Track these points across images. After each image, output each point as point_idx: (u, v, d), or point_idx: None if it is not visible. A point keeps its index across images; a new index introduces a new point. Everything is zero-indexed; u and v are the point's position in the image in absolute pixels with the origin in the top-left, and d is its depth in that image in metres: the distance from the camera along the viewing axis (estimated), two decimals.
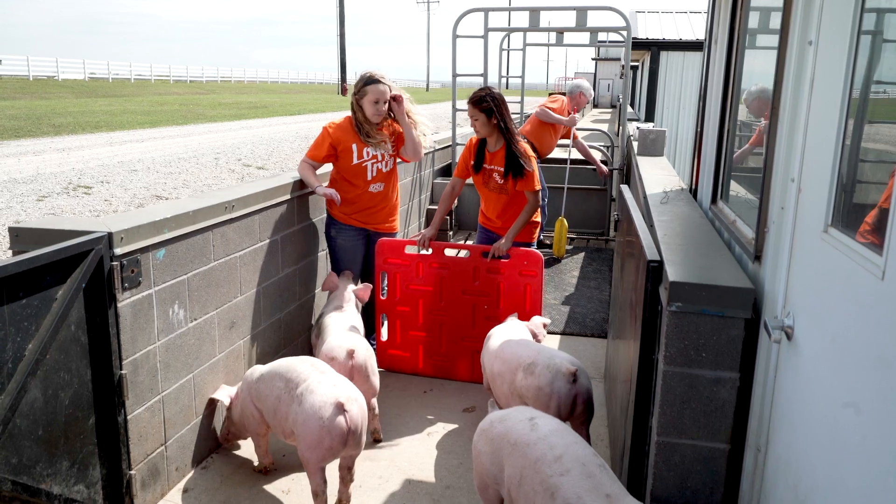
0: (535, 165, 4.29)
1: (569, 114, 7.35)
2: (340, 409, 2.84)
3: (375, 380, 3.57)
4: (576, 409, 3.18)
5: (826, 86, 1.82)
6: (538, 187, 4.30)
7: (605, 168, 7.87)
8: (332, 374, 3.09)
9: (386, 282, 4.50)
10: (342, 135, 4.19)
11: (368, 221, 4.35)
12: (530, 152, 4.28)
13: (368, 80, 4.14)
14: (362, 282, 4.47)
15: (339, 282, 4.14)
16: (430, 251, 4.37)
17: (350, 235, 4.33)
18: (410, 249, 4.41)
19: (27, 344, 2.38)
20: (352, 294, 4.10)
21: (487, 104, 4.18)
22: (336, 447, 2.86)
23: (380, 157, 4.26)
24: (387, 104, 4.18)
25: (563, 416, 3.16)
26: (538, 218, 4.50)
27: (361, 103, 4.17)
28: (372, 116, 4.17)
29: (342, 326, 3.78)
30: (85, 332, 2.64)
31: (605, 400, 4.15)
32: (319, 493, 2.92)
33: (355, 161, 4.19)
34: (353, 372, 3.43)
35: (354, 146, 4.19)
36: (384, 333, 4.60)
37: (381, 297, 4.51)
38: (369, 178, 4.24)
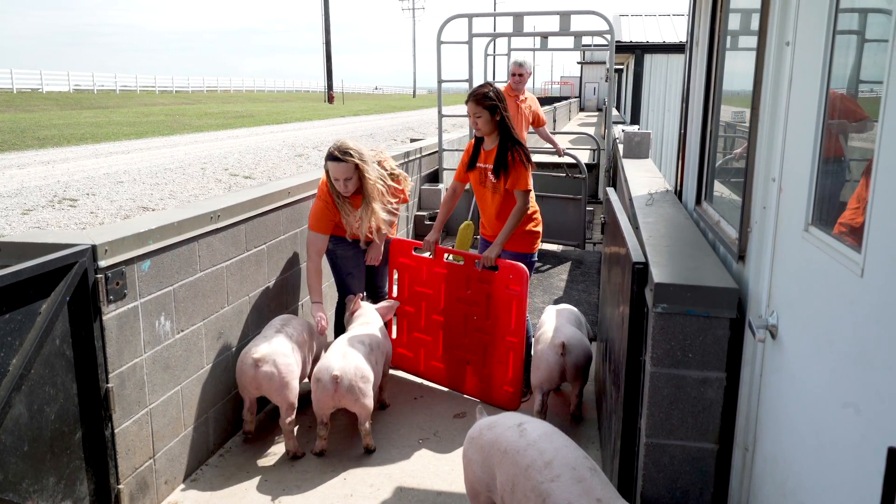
0: (527, 164, 4.05)
1: (514, 96, 7.02)
2: (255, 362, 3.44)
3: (367, 401, 3.51)
4: (566, 376, 3.80)
5: (804, 86, 1.84)
6: (529, 187, 4.06)
7: (561, 148, 7.63)
8: (274, 333, 3.62)
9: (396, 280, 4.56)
10: (334, 209, 4.02)
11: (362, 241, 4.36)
12: (526, 152, 4.08)
13: (327, 155, 3.89)
14: (366, 285, 4.48)
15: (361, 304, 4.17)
16: (434, 255, 4.36)
17: (348, 245, 4.27)
18: (418, 251, 4.42)
19: (11, 359, 2.35)
20: (373, 310, 4.12)
21: (492, 101, 4.00)
22: (247, 387, 3.55)
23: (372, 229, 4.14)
24: (351, 180, 3.88)
25: (555, 381, 3.80)
26: (538, 227, 4.28)
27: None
28: (343, 192, 3.94)
29: (343, 344, 3.67)
30: (70, 345, 2.62)
31: (595, 402, 4.16)
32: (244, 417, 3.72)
33: (344, 225, 4.09)
34: (338, 397, 3.43)
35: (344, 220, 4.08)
36: (394, 331, 4.63)
37: (393, 296, 4.55)
38: (360, 244, 4.26)
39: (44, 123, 23.77)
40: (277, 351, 3.51)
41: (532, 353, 4.05)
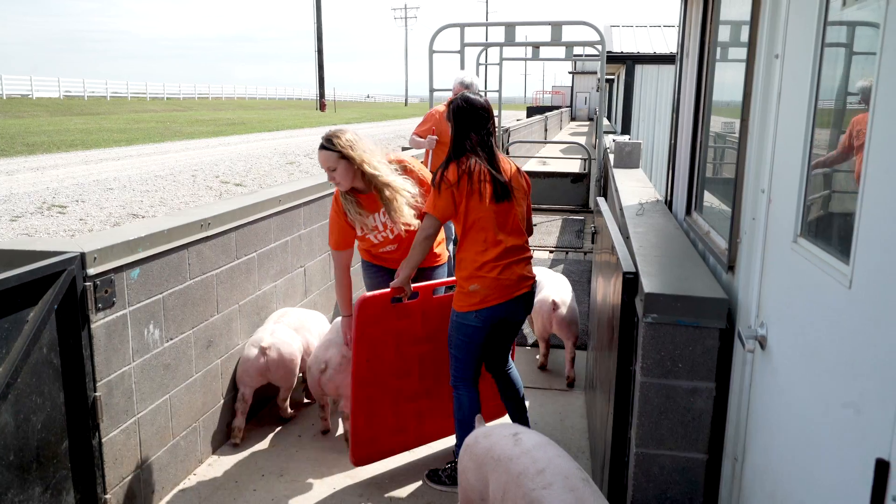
0: (437, 186, 3.15)
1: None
2: (262, 350, 3.74)
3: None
4: (552, 326, 4.60)
5: (793, 98, 1.85)
6: (429, 210, 3.18)
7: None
8: (272, 326, 3.91)
9: None
10: (344, 216, 3.61)
11: (391, 268, 3.68)
12: (443, 172, 3.15)
13: (320, 144, 3.48)
14: None
15: None
16: None
17: (374, 272, 3.84)
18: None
19: None
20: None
21: (448, 112, 3.34)
22: (252, 375, 3.80)
23: (381, 227, 3.61)
24: (337, 171, 3.41)
25: (547, 330, 4.65)
26: (470, 286, 3.14)
27: None
28: (334, 184, 3.50)
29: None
30: (57, 354, 2.60)
31: (585, 411, 4.16)
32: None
33: (359, 234, 3.65)
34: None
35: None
36: None
37: None
38: (376, 242, 3.68)
39: (33, 130, 23.65)
40: (282, 339, 3.84)
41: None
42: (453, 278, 3.37)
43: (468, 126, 3.18)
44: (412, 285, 3.35)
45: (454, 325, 3.24)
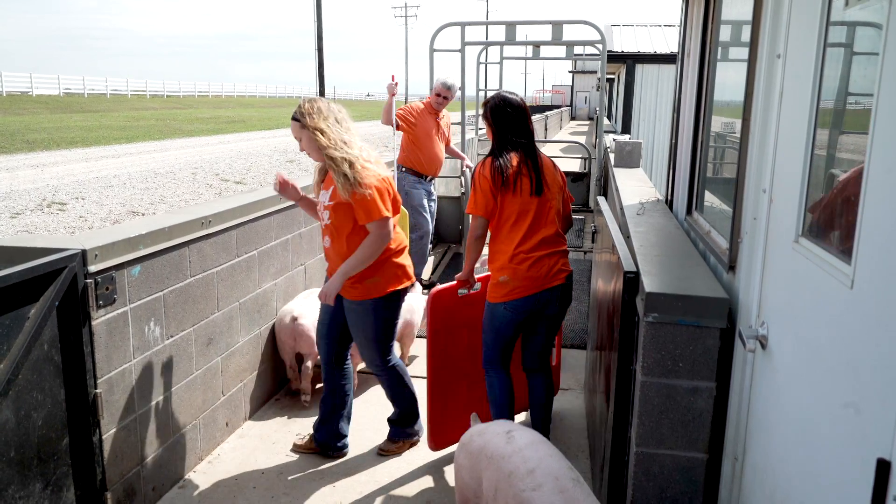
0: (474, 185, 3.28)
1: (434, 114, 6.37)
2: (293, 319, 4.08)
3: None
4: None
5: (794, 98, 1.85)
6: (471, 210, 3.29)
7: (469, 162, 7.01)
8: (303, 299, 4.28)
9: None
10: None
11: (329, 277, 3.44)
12: (486, 170, 3.24)
13: None
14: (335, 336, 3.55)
15: None
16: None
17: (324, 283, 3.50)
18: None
19: None
20: None
21: (486, 110, 3.37)
22: (285, 342, 4.17)
23: (324, 205, 3.33)
24: (303, 142, 3.25)
25: None
26: (503, 277, 3.25)
27: None
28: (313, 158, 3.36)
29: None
30: (58, 351, 2.60)
31: (584, 411, 4.16)
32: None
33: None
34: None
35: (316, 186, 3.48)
36: None
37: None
38: (322, 225, 3.40)
39: (33, 127, 23.64)
40: (310, 310, 4.11)
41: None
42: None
43: (506, 124, 3.30)
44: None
45: (487, 315, 3.36)
